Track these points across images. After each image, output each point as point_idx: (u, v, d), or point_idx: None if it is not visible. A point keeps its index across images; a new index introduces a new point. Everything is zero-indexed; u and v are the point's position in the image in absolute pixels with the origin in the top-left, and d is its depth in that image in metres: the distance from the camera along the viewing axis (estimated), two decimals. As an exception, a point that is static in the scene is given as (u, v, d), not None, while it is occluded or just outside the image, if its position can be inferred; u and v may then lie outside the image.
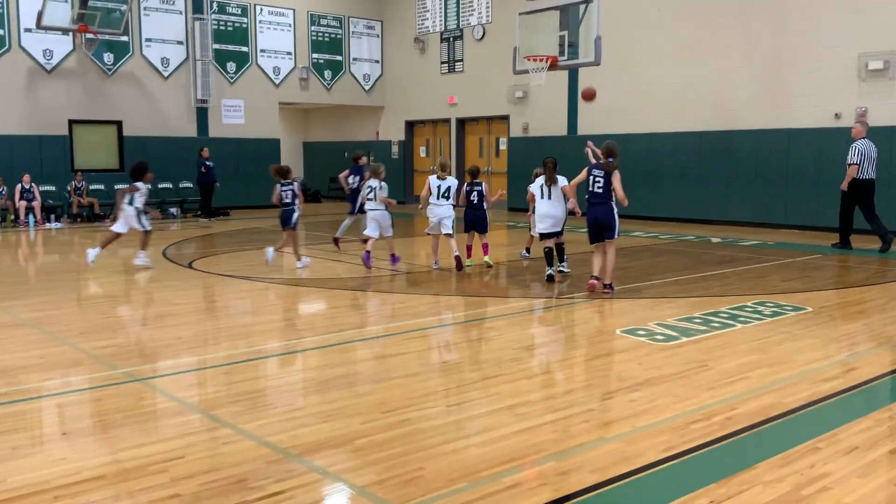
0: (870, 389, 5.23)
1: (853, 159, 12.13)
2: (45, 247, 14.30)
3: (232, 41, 21.76)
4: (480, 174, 11.04)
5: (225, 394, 5.18)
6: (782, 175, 15.69)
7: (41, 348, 6.37)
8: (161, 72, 20.48)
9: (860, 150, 12.12)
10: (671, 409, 4.75)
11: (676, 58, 17.22)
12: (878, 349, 6.31)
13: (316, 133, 28.26)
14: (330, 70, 23.84)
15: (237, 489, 3.61)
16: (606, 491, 3.62)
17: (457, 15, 22.23)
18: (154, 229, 11.58)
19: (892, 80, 14.10)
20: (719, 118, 16.58)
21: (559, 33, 14.14)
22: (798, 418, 4.62)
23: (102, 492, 3.60)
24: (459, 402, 5.00)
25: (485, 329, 7.35)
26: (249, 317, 7.91)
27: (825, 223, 14.63)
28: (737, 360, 5.90)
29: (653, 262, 11.28)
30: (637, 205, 18.01)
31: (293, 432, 4.37)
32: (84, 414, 4.82)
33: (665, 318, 7.37)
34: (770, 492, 3.56)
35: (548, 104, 19.97)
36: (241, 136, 21.92)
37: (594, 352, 6.30)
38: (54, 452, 4.12)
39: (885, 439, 4.24)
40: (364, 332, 7.14)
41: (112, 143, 19.95)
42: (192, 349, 6.47)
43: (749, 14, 16.02)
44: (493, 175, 22.00)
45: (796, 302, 8.16)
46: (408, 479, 3.73)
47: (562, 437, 4.33)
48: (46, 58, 18.68)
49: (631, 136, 18.03)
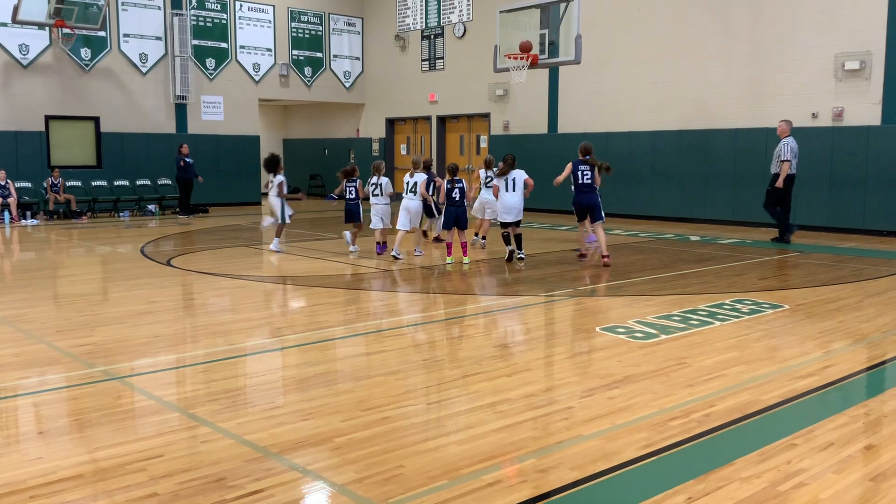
0: (845, 386, 5.29)
1: (787, 156, 12.77)
2: (21, 244, 14.13)
3: (211, 37, 21.60)
4: (459, 171, 11.41)
5: (203, 392, 5.15)
6: (760, 174, 15.80)
7: (17, 346, 6.30)
8: (139, 67, 20.29)
9: (792, 148, 12.80)
10: (650, 406, 4.78)
11: (656, 57, 17.32)
12: (853, 346, 6.38)
13: (296, 130, 28.14)
14: (310, 67, 23.74)
15: (216, 488, 3.59)
16: (586, 488, 3.63)
17: (438, 12, 22.21)
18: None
19: (867, 80, 14.27)
20: (698, 117, 16.71)
21: (540, 31, 14.17)
22: (775, 415, 4.67)
23: (80, 491, 3.57)
24: (439, 400, 5.00)
25: (465, 326, 7.35)
26: (228, 314, 7.87)
27: (802, 221, 14.77)
28: (715, 357, 5.95)
29: (632, 260, 11.34)
30: (617, 203, 18.16)
31: (272, 430, 4.35)
32: (61, 413, 4.77)
33: (644, 315, 7.42)
34: (747, 488, 3.59)
35: (528, 102, 20.01)
36: (220, 133, 21.77)
37: (574, 349, 6.32)
38: (31, 451, 4.07)
39: (860, 435, 4.29)
40: (344, 330, 7.12)
41: (89, 139, 19.74)
42: (170, 347, 6.42)
43: (728, 14, 16.14)
44: (473, 173, 22.00)
45: (774, 300, 8.23)
46: (388, 476, 3.73)
47: (541, 434, 4.34)
48: (22, 52, 18.45)
49: (610, 135, 18.12)
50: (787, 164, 12.71)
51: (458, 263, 10.60)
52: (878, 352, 6.25)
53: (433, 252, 11.83)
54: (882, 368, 5.82)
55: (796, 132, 15.27)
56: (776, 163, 12.96)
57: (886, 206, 14.16)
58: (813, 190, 15.03)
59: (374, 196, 11.38)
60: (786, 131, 13.01)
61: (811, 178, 15.03)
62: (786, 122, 13.11)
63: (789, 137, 12.95)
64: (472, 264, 10.68)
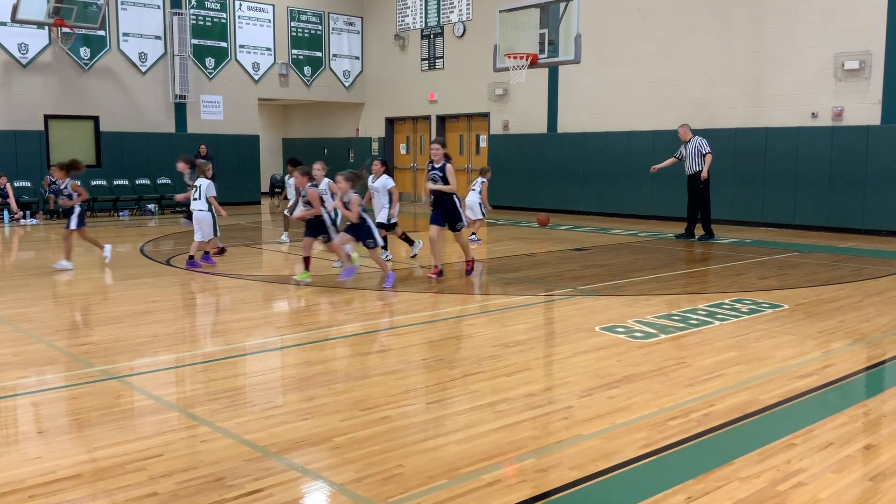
0: (845, 386, 5.30)
1: (708, 149, 13.43)
2: (20, 243, 14.13)
3: (211, 36, 21.59)
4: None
5: (203, 391, 5.15)
6: (759, 173, 15.83)
7: (16, 346, 6.30)
8: (139, 67, 20.29)
9: (708, 143, 13.56)
10: (649, 405, 4.78)
11: (656, 57, 17.32)
12: (853, 346, 6.38)
13: (295, 129, 28.13)
14: (310, 66, 23.73)
15: (215, 487, 3.59)
16: (585, 487, 3.63)
17: (437, 12, 22.20)
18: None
19: (867, 79, 14.27)
20: (698, 117, 16.69)
21: (539, 31, 14.16)
22: (774, 415, 4.67)
23: (79, 491, 3.56)
24: (439, 400, 5.00)
25: (464, 326, 7.35)
26: (228, 314, 7.86)
27: (802, 221, 14.79)
28: (714, 357, 5.95)
29: (632, 260, 11.34)
30: (616, 202, 18.18)
31: (272, 430, 4.35)
32: (60, 412, 4.77)
33: (644, 315, 7.42)
34: (746, 487, 3.59)
35: (528, 102, 20.00)
36: (219, 133, 21.76)
37: (573, 349, 6.32)
38: (30, 451, 4.07)
39: (859, 435, 4.29)
40: (343, 330, 7.12)
41: (89, 138, 19.73)
42: (169, 346, 6.42)
43: (728, 14, 16.14)
44: (473, 172, 22.01)
45: (773, 299, 8.23)
46: (387, 476, 3.73)
47: (541, 434, 4.34)
48: (22, 52, 18.44)
49: (610, 135, 18.13)
50: (711, 156, 13.39)
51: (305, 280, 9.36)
52: (878, 351, 6.25)
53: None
54: (881, 368, 5.82)
55: (796, 132, 15.29)
56: (692, 162, 13.52)
57: (886, 206, 14.16)
58: (813, 190, 15.03)
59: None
60: (687, 134, 13.71)
61: (811, 178, 15.04)
62: (685, 126, 13.90)
63: (695, 137, 13.61)
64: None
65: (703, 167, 13.36)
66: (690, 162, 13.57)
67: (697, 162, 13.47)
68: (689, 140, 13.62)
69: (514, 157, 20.27)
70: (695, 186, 13.57)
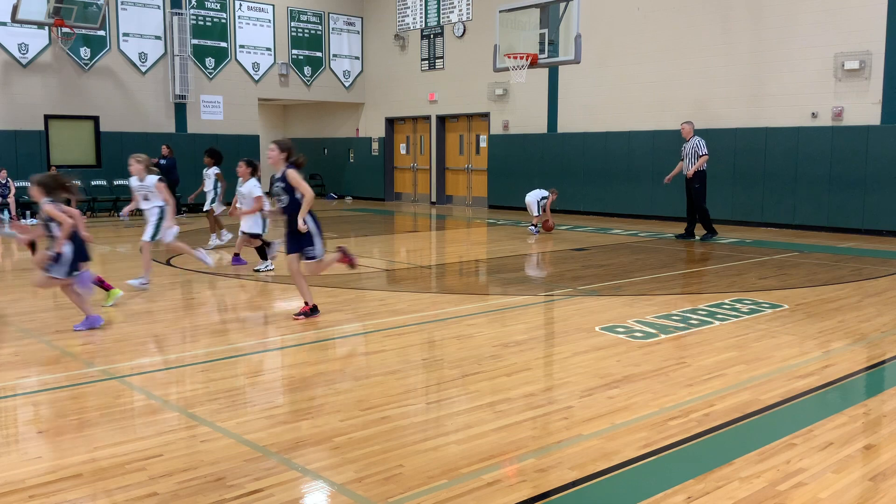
0: (845, 386, 5.30)
1: (705, 150, 13.48)
2: (20, 243, 14.10)
3: (211, 36, 21.58)
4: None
5: (203, 391, 5.15)
6: (760, 173, 15.83)
7: (16, 345, 6.30)
8: (139, 67, 20.28)
9: (706, 144, 13.58)
10: (649, 405, 4.78)
11: (655, 56, 17.32)
12: (853, 346, 6.38)
13: (295, 129, 28.13)
14: (310, 66, 23.73)
15: (215, 487, 3.59)
16: (585, 487, 3.63)
17: (437, 12, 22.20)
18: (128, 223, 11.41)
19: (867, 79, 14.27)
20: (698, 116, 16.67)
21: (539, 31, 14.17)
22: (774, 414, 4.67)
23: (79, 491, 3.56)
24: (439, 400, 5.00)
25: (464, 326, 7.35)
26: (228, 314, 7.86)
27: (802, 221, 14.78)
28: (714, 356, 5.95)
29: (632, 260, 11.34)
30: (616, 202, 18.17)
31: (272, 430, 4.35)
32: (60, 412, 4.77)
33: (644, 315, 7.42)
34: (747, 487, 3.59)
35: (528, 102, 20.00)
36: (219, 133, 21.76)
37: (573, 349, 6.32)
38: (30, 451, 4.07)
39: (859, 435, 4.29)
40: (343, 330, 7.12)
41: (89, 138, 19.73)
42: (169, 346, 6.42)
43: (727, 13, 16.14)
44: (473, 172, 22.03)
45: (773, 299, 8.23)
46: (387, 476, 3.73)
47: (541, 434, 4.34)
48: (22, 52, 18.44)
49: (610, 135, 18.13)
50: (705, 158, 13.45)
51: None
52: (878, 351, 6.25)
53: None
54: (881, 368, 5.82)
55: (796, 132, 15.29)
56: (689, 162, 13.53)
57: (886, 206, 14.16)
58: (813, 190, 15.03)
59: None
60: (690, 132, 13.68)
61: (811, 178, 15.04)
62: (689, 124, 13.82)
63: (695, 137, 13.59)
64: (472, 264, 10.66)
65: (694, 166, 13.39)
66: (687, 162, 13.59)
67: (694, 162, 13.49)
68: (690, 139, 13.62)
69: (514, 157, 20.26)
70: (691, 186, 13.60)
